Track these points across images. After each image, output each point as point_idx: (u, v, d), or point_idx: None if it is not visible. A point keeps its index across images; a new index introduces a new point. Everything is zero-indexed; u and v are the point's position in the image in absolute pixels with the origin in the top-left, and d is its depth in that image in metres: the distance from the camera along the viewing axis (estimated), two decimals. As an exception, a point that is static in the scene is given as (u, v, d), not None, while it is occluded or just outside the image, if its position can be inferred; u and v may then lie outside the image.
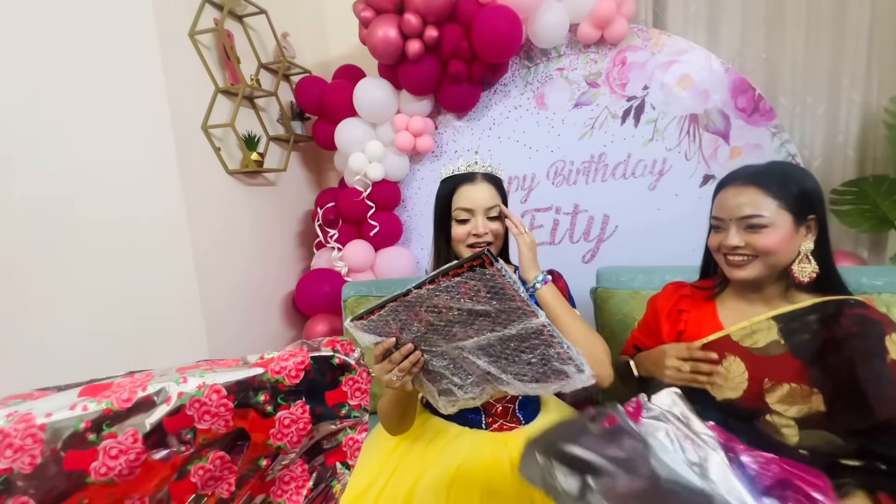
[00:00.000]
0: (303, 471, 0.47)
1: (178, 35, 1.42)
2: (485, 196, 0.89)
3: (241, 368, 0.44)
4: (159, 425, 0.40)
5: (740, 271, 0.76)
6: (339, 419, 0.47)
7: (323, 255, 1.82)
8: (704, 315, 0.83)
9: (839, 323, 0.70)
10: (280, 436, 0.45)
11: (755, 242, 0.73)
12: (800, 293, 0.77)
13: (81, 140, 1.14)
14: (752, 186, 0.74)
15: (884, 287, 1.10)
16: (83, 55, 1.15)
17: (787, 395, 0.71)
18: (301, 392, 0.45)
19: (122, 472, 0.39)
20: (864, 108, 1.64)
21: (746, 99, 1.52)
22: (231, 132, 1.55)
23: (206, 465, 0.43)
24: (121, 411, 0.39)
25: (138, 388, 0.40)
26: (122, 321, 1.22)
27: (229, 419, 0.43)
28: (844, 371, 0.67)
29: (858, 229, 1.57)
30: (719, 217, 0.78)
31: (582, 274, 1.44)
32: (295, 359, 0.45)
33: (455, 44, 1.48)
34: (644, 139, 1.61)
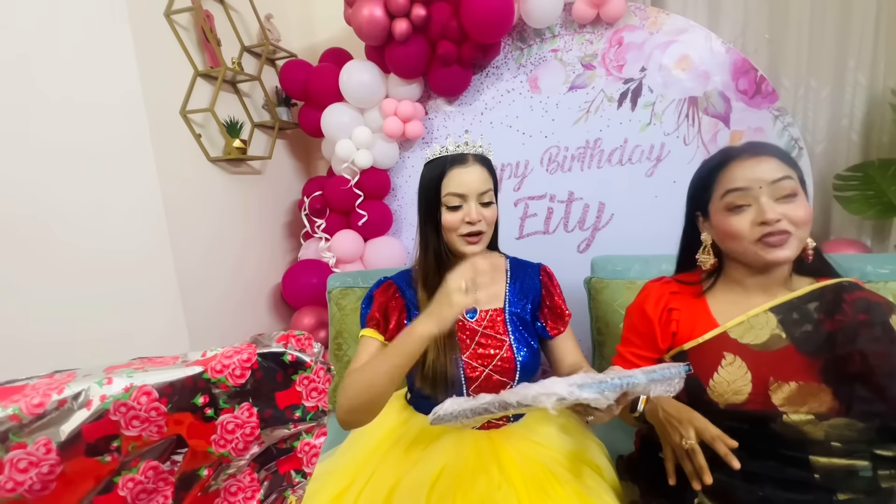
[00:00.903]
0: (252, 480, 0.42)
1: (152, 14, 1.35)
2: (477, 180, 0.83)
3: (177, 367, 0.39)
4: (78, 433, 0.35)
5: (783, 251, 0.66)
6: (292, 422, 0.42)
7: (310, 246, 1.77)
8: (697, 312, 0.76)
9: (842, 310, 0.65)
10: (223, 442, 0.40)
11: (792, 214, 0.65)
12: (799, 278, 0.71)
13: (48, 125, 1.08)
14: (765, 155, 0.68)
15: (890, 275, 1.06)
16: (49, 33, 1.08)
17: (795, 395, 0.66)
18: (247, 393, 0.40)
19: (33, 488, 0.34)
20: (869, 90, 1.58)
21: (748, 80, 1.46)
22: (211, 118, 1.49)
23: (136, 476, 0.38)
24: (31, 417, 0.34)
25: (53, 392, 0.35)
26: (96, 316, 1.17)
27: (163, 425, 0.38)
28: (855, 364, 0.62)
29: (863, 216, 1.52)
30: (741, 188, 0.68)
31: (577, 264, 1.39)
32: (240, 356, 0.40)
33: (444, 23, 1.41)
34: (641, 123, 1.55)
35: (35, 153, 1.06)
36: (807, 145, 1.62)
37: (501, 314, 0.87)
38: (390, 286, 0.88)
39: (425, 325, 0.67)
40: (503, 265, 0.94)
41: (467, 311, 0.86)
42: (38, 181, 1.07)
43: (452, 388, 0.81)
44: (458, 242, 0.84)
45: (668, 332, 0.77)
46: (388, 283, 0.89)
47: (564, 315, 0.89)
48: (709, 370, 0.70)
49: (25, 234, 1.05)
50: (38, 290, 1.07)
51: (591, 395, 0.53)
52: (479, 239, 0.83)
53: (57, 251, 1.10)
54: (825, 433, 0.64)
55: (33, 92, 1.06)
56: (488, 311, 0.87)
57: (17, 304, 1.04)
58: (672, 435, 0.67)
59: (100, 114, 1.18)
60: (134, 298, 1.25)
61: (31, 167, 1.06)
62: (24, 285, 1.05)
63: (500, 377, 0.83)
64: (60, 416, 0.35)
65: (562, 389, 0.53)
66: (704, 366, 0.71)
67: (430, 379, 0.79)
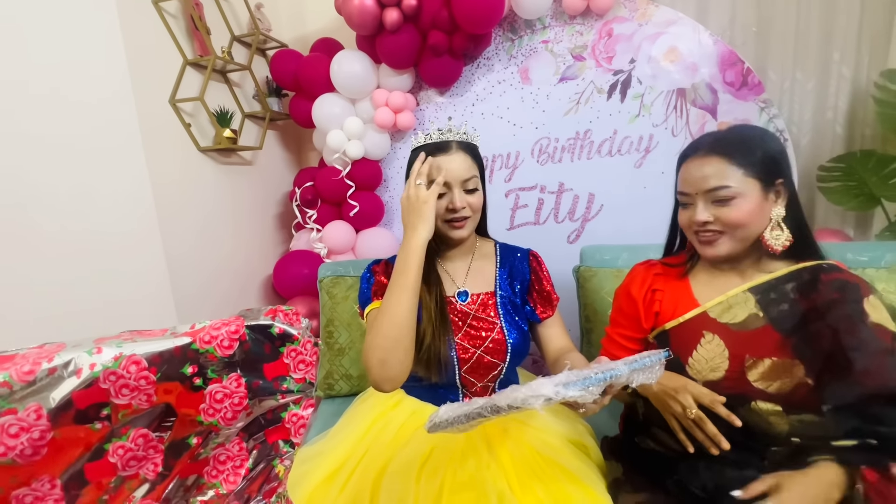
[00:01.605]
0: (240, 449, 0.44)
1: (141, 2, 1.34)
2: (461, 167, 0.83)
3: (166, 338, 0.40)
4: (68, 400, 0.36)
5: (712, 248, 0.73)
6: (280, 393, 0.43)
7: (302, 237, 1.77)
8: (679, 293, 0.79)
9: (818, 290, 0.67)
10: (212, 411, 0.41)
11: (724, 216, 0.70)
12: (773, 261, 0.74)
13: (37, 114, 1.07)
14: (715, 156, 0.70)
15: (868, 262, 1.09)
16: (36, 22, 1.07)
17: (769, 371, 0.69)
18: (235, 364, 0.41)
19: (24, 453, 0.35)
20: (853, 84, 1.61)
21: (735, 72, 1.48)
22: (201, 108, 1.48)
23: (126, 443, 0.39)
24: (22, 384, 0.35)
25: (43, 360, 0.36)
26: (85, 309, 1.16)
27: (152, 394, 0.39)
28: (827, 340, 0.65)
29: (845, 206, 1.55)
30: (685, 192, 0.74)
31: (567, 254, 1.41)
32: (228, 328, 0.41)
33: (435, 13, 1.41)
34: (630, 115, 1.56)
35: (24, 141, 1.05)
36: (793, 137, 1.65)
37: (492, 297, 0.88)
38: (387, 265, 0.89)
39: (413, 234, 0.76)
40: (493, 251, 0.95)
41: (459, 294, 0.88)
42: (25, 170, 1.05)
43: (446, 369, 0.82)
44: (443, 227, 0.85)
45: (651, 312, 0.80)
46: (384, 262, 0.90)
47: (553, 299, 0.91)
48: (688, 348, 0.73)
49: (14, 222, 1.04)
50: (26, 284, 1.06)
51: (577, 393, 0.55)
52: (465, 224, 0.84)
53: (45, 238, 1.09)
54: (790, 427, 0.67)
55: (20, 81, 1.05)
56: (479, 295, 0.88)
57: (4, 296, 1.03)
58: (672, 406, 0.70)
59: (88, 103, 1.17)
60: (123, 288, 1.25)
61: (20, 156, 1.05)
62: (13, 280, 1.03)
63: (491, 358, 0.85)
64: (51, 384, 0.36)
65: (548, 391, 0.55)
66: (684, 344, 0.74)
67: (424, 360, 0.80)
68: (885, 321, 0.65)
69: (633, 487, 0.73)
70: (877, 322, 0.64)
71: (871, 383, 0.61)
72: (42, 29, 1.08)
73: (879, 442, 0.60)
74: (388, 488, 0.74)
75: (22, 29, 1.05)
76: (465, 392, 0.88)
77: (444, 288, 0.86)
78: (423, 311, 0.83)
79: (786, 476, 0.61)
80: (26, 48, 1.06)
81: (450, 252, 0.90)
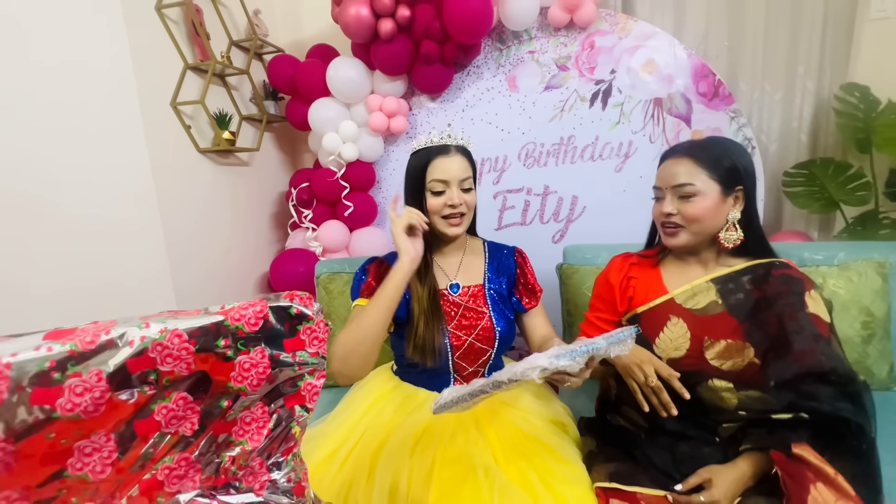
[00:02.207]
0: (263, 412, 0.50)
1: (145, 8, 1.39)
2: (459, 168, 0.92)
3: (203, 316, 0.46)
4: (123, 366, 0.43)
5: (672, 239, 0.83)
6: (297, 365, 0.50)
7: (297, 236, 1.83)
8: (651, 280, 0.89)
9: (769, 283, 0.77)
10: (240, 378, 0.48)
11: (684, 210, 0.79)
12: (732, 257, 0.83)
13: (45, 116, 1.11)
14: (688, 158, 0.80)
15: (822, 261, 1.20)
16: (45, 27, 1.12)
17: (723, 351, 0.78)
18: (260, 338, 0.48)
19: (87, 409, 0.42)
20: (816, 95, 1.72)
21: (707, 84, 1.59)
22: (201, 110, 1.53)
23: (169, 404, 0.46)
24: (85, 352, 0.42)
25: (101, 332, 0.43)
26: (89, 304, 1.20)
27: (191, 362, 0.45)
28: (774, 325, 0.74)
29: (809, 210, 1.67)
30: (658, 187, 0.84)
31: (552, 253, 1.50)
32: (254, 308, 0.48)
33: (427, 23, 1.49)
34: (611, 122, 1.66)
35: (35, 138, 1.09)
36: (761, 144, 1.77)
37: (482, 290, 0.96)
38: (382, 262, 0.97)
39: (404, 258, 0.84)
40: (482, 247, 1.03)
41: (451, 287, 0.96)
42: (37, 166, 1.10)
43: (440, 355, 0.90)
44: (440, 224, 0.92)
45: (625, 297, 0.90)
46: (380, 260, 0.98)
47: (536, 291, 0.99)
48: (656, 329, 0.83)
49: (27, 210, 1.07)
50: (33, 281, 1.10)
51: (567, 363, 0.63)
52: (461, 221, 0.93)
53: (55, 229, 1.13)
54: (738, 401, 0.77)
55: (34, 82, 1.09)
56: (470, 287, 0.96)
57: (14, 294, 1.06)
58: (636, 374, 0.79)
59: (96, 105, 1.22)
60: (126, 280, 1.30)
61: (32, 152, 1.09)
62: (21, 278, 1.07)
63: (481, 345, 0.93)
64: (109, 352, 0.42)
65: (543, 361, 0.63)
66: (653, 326, 0.83)
67: (419, 347, 0.88)
68: (821, 313, 0.75)
69: (605, 458, 0.82)
70: (814, 313, 0.74)
71: (805, 362, 0.70)
72: (54, 33, 1.13)
73: (810, 415, 0.69)
74: (385, 463, 0.81)
75: (36, 33, 1.10)
76: (456, 377, 0.96)
77: (437, 281, 0.94)
78: (415, 303, 0.91)
79: (715, 470, 0.72)
80: (41, 51, 1.11)
81: (444, 248, 0.98)
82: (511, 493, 0.73)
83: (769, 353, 0.74)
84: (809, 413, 0.69)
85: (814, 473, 0.64)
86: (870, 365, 1.11)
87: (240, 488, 0.50)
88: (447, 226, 0.92)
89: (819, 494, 0.62)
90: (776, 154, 1.79)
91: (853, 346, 1.10)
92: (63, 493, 0.44)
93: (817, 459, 0.65)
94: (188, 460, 0.47)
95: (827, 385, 0.69)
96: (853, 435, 0.67)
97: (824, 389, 0.69)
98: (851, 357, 1.10)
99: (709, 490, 0.70)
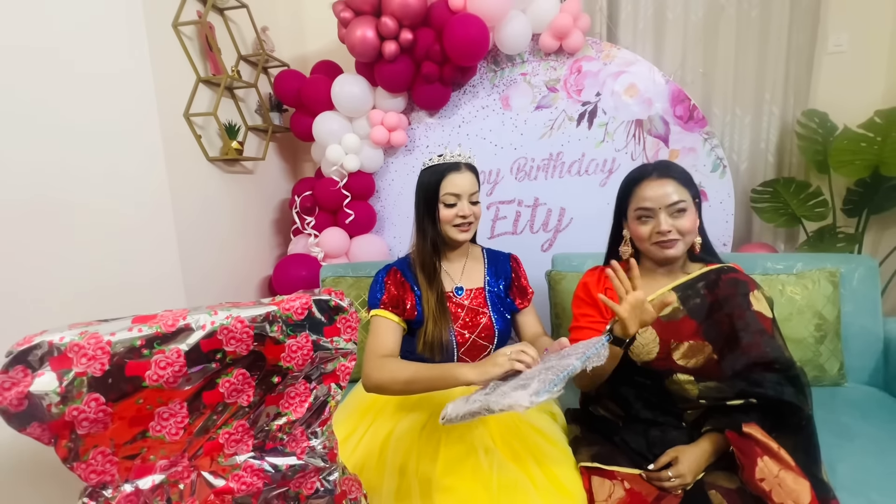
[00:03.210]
0: (305, 388, 0.60)
1: (163, 25, 1.48)
2: (469, 183, 1.03)
3: (258, 306, 0.56)
4: (197, 346, 0.52)
5: (672, 251, 0.90)
6: (334, 349, 0.60)
7: (299, 242, 1.91)
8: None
9: (719, 286, 0.89)
10: (289, 359, 0.57)
11: (680, 225, 0.89)
12: (692, 264, 0.95)
13: (69, 124, 1.18)
14: (669, 178, 0.91)
15: (783, 270, 1.33)
16: (74, 43, 1.19)
17: (687, 351, 0.89)
18: (305, 326, 0.58)
19: (168, 381, 0.51)
20: (781, 120, 1.89)
21: (683, 108, 1.74)
22: (210, 121, 1.62)
23: (231, 379, 0.55)
24: (168, 333, 0.51)
25: (179, 318, 0.52)
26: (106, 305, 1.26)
27: (250, 344, 0.55)
28: (725, 324, 0.86)
29: (774, 224, 1.82)
30: (647, 208, 0.91)
31: (541, 261, 1.61)
32: (301, 300, 0.58)
33: (428, 46, 1.61)
34: (596, 140, 1.80)
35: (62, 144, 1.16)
36: (732, 163, 1.92)
37: (483, 292, 1.07)
38: (396, 272, 1.06)
39: (469, 372, 0.83)
40: (481, 254, 1.14)
41: (456, 290, 1.06)
42: (63, 168, 1.15)
43: (447, 351, 1.00)
44: (452, 231, 1.03)
45: (606, 307, 0.99)
46: (393, 270, 1.07)
47: (528, 293, 1.11)
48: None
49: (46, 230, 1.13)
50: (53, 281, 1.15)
51: (546, 397, 0.70)
52: (469, 228, 1.04)
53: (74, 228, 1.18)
54: (699, 391, 0.88)
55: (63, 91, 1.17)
56: (472, 290, 1.07)
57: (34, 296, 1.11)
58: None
59: (118, 117, 1.30)
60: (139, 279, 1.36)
61: (59, 156, 1.15)
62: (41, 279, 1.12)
63: (482, 342, 1.04)
64: (186, 334, 0.52)
65: (526, 402, 0.69)
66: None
67: (429, 345, 0.99)
68: (764, 310, 0.87)
69: (588, 443, 0.93)
70: (758, 310, 0.86)
71: (752, 353, 0.82)
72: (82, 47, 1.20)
73: (758, 400, 0.81)
74: (395, 446, 0.90)
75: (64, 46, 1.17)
76: None
77: (444, 285, 1.04)
78: (425, 305, 1.01)
79: (681, 449, 0.83)
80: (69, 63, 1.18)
81: (450, 254, 1.09)
82: (508, 470, 0.83)
83: (724, 348, 0.86)
84: (757, 398, 0.80)
85: (761, 448, 0.75)
86: (822, 363, 1.24)
87: (285, 452, 0.59)
88: (458, 233, 1.03)
89: (765, 465, 0.73)
90: (746, 172, 1.95)
91: (807, 346, 1.24)
92: (144, 450, 0.52)
93: (764, 437, 0.76)
94: (244, 427, 0.57)
95: (771, 372, 0.81)
96: (793, 413, 0.79)
97: (769, 376, 0.80)
98: (806, 356, 1.24)
99: (676, 466, 0.80)
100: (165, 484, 0.53)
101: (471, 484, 0.81)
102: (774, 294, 1.26)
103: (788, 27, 1.82)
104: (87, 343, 0.47)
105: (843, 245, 1.66)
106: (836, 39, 1.85)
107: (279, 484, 0.58)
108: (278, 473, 0.58)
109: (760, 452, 0.74)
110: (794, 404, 0.78)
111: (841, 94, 1.85)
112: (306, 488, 0.60)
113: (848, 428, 1.06)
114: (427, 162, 1.05)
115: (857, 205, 1.75)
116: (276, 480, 0.58)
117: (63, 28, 1.17)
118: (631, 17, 1.91)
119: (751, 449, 0.75)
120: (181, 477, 0.54)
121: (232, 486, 0.55)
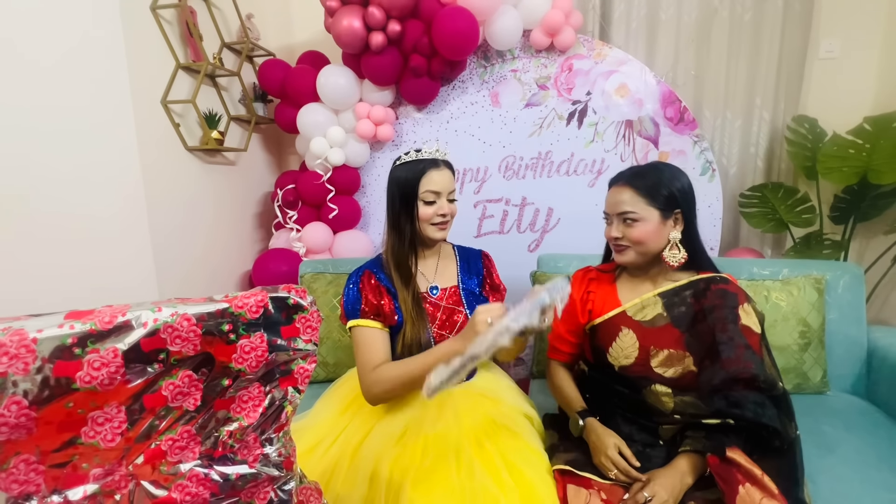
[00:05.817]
0: (259, 392, 0.56)
1: (140, 8, 1.42)
2: (448, 181, 1.00)
3: (209, 303, 0.52)
4: (137, 345, 0.48)
5: (621, 257, 0.92)
6: (291, 350, 0.56)
7: (281, 236, 1.86)
8: (608, 294, 0.97)
9: (706, 296, 0.86)
10: (241, 360, 0.53)
11: (629, 234, 0.88)
12: (678, 272, 0.92)
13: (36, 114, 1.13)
14: (629, 187, 0.89)
15: (769, 276, 1.32)
16: (44, 22, 1.14)
17: (666, 359, 0.87)
18: (260, 325, 0.54)
19: (102, 382, 0.46)
20: (771, 124, 1.88)
21: (674, 110, 1.71)
22: (190, 109, 1.57)
23: (175, 381, 0.51)
24: (103, 331, 0.46)
25: (118, 314, 0.47)
26: (76, 297, 1.21)
27: (197, 344, 0.50)
28: (708, 336, 0.83)
29: (762, 229, 1.81)
30: (606, 212, 0.94)
31: (527, 261, 1.58)
32: (255, 297, 0.54)
33: (416, 39, 1.57)
34: (586, 140, 1.77)
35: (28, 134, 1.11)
36: (721, 167, 1.91)
37: (457, 290, 1.04)
38: (370, 276, 1.02)
39: (456, 343, 0.84)
40: (452, 251, 1.11)
41: (431, 289, 1.03)
42: (28, 161, 1.11)
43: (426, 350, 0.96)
44: (430, 230, 1.00)
45: (585, 310, 0.98)
46: (367, 273, 1.02)
47: (501, 289, 1.10)
48: (610, 340, 0.91)
49: (13, 212, 1.09)
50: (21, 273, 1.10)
51: (526, 321, 0.72)
52: (446, 226, 1.01)
53: (41, 224, 1.14)
54: (675, 405, 0.86)
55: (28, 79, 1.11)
56: (446, 289, 1.04)
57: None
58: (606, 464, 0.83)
59: (89, 101, 1.25)
60: (110, 275, 1.31)
61: (24, 149, 1.10)
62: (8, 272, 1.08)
63: None
64: (124, 332, 0.47)
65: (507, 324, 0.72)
66: (607, 336, 0.92)
67: (408, 346, 0.96)
68: (753, 325, 0.84)
69: (564, 449, 0.90)
70: (746, 325, 0.83)
71: (731, 369, 0.78)
72: (50, 30, 1.15)
73: (735, 421, 0.77)
74: (366, 452, 0.87)
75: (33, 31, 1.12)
76: None
77: (419, 286, 1.01)
78: (402, 306, 0.97)
79: (656, 472, 0.79)
80: (36, 48, 1.13)
81: (425, 252, 1.05)
82: (479, 480, 0.80)
83: (704, 361, 0.83)
84: (735, 419, 0.77)
85: (743, 475, 0.71)
86: (806, 370, 1.23)
87: (235, 460, 0.55)
88: (436, 231, 1.00)
89: (747, 493, 0.69)
90: (735, 177, 1.94)
91: (791, 353, 1.22)
92: (75, 458, 0.48)
93: (747, 462, 0.73)
94: (190, 433, 0.52)
95: (753, 391, 0.77)
96: (774, 437, 0.76)
97: (751, 396, 0.77)
98: (790, 364, 1.22)
99: (650, 486, 0.76)
100: (99, 494, 0.49)
101: (440, 497, 0.78)
102: (759, 300, 1.24)
103: (781, 32, 1.81)
104: (9, 340, 0.43)
105: (830, 252, 1.65)
106: (828, 45, 1.85)
107: (228, 494, 0.54)
108: (227, 483, 0.54)
109: (742, 479, 0.71)
110: (775, 428, 0.75)
111: (831, 100, 1.85)
112: (259, 499, 0.56)
113: (829, 438, 1.05)
114: (403, 157, 1.01)
115: (844, 212, 1.75)
116: (225, 490, 0.54)
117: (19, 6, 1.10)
118: (624, 17, 1.89)
119: (732, 476, 0.72)
120: (118, 487, 0.50)
121: (175, 496, 0.51)
